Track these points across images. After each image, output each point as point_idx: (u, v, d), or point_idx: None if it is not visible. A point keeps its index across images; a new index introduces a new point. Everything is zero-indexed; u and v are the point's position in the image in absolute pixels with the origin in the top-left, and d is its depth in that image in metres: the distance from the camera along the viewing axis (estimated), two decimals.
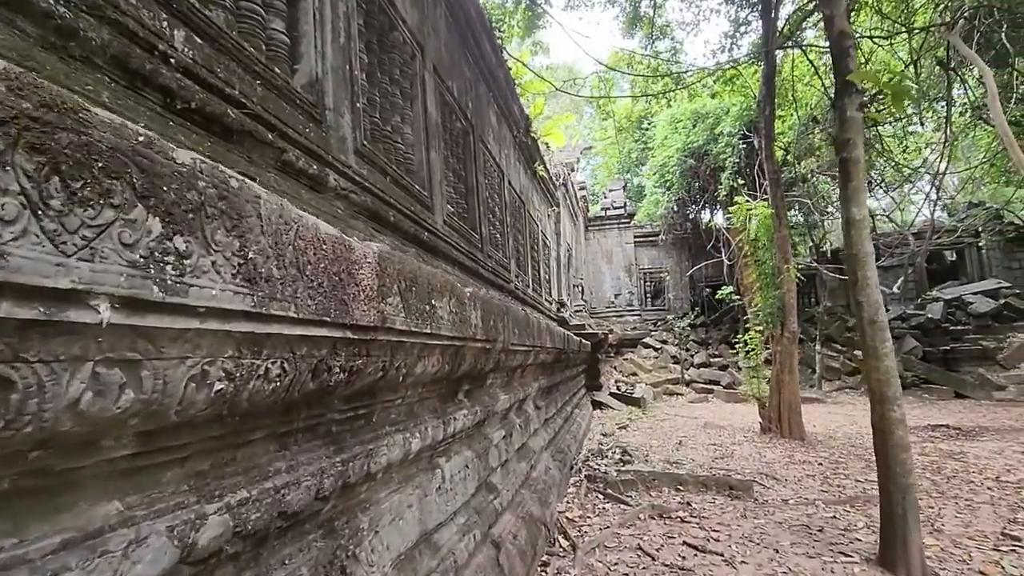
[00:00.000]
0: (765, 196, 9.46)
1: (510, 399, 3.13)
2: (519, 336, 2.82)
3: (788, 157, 12.24)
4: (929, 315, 14.18)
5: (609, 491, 4.58)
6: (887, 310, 14.89)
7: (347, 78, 2.99)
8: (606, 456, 6.22)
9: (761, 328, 8.20)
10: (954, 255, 16.80)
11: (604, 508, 4.24)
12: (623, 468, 5.41)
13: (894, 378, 2.99)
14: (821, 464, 6.04)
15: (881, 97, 9.28)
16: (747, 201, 8.45)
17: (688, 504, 4.34)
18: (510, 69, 7.56)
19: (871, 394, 3.09)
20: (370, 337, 1.13)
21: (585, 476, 4.99)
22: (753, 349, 8.18)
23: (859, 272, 3.11)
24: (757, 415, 9.93)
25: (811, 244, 15.60)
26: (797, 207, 14.22)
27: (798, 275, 7.95)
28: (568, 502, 4.34)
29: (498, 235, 6.78)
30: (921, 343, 13.79)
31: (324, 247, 0.95)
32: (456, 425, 2.04)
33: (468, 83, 5.88)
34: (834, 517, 4.08)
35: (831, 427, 8.70)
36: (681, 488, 4.81)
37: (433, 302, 1.49)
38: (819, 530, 3.74)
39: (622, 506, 4.27)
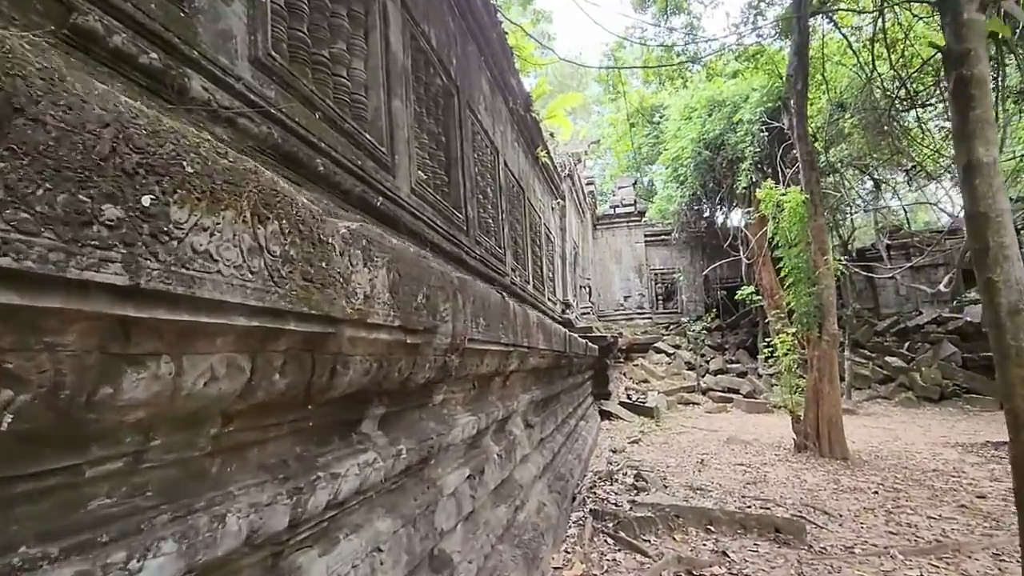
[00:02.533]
0: (791, 187, 8.43)
1: (479, 421, 2.19)
2: (489, 328, 1.89)
3: (816, 144, 11.20)
4: (968, 318, 13.02)
5: (621, 534, 3.58)
6: (920, 312, 13.70)
7: None
8: (616, 480, 5.23)
9: (794, 331, 7.17)
10: None
11: (615, 560, 3.25)
12: (637, 499, 4.42)
13: None
14: (876, 493, 5.01)
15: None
16: (776, 186, 7.45)
17: (724, 554, 3.34)
18: (506, 33, 6.64)
19: (1011, 418, 2.09)
20: None
21: (590, 511, 4.00)
22: (785, 354, 7.15)
23: (990, 238, 2.12)
24: (785, 428, 8.88)
25: (838, 241, 14.50)
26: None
27: (840, 267, 6.95)
28: (567, 550, 3.35)
29: (490, 220, 5.84)
30: (960, 349, 12.65)
31: None
32: (341, 487, 1.10)
33: (452, 36, 4.96)
34: None
35: (872, 444, 7.64)
36: (713, 529, 3.80)
37: (163, 204, 0.55)
38: None
39: (638, 557, 3.28)
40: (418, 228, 3.57)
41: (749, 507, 4.56)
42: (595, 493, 4.69)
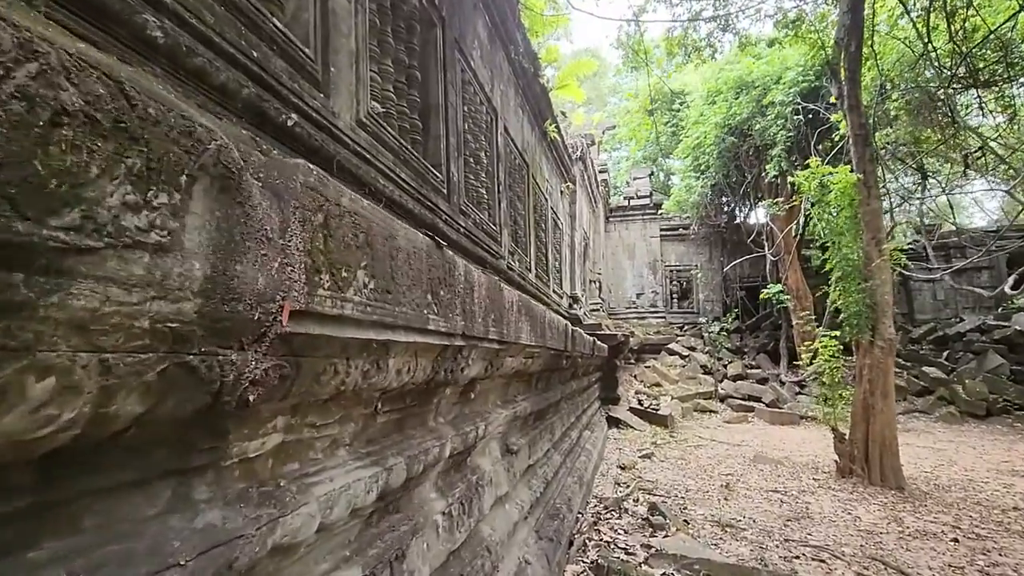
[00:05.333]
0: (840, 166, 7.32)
1: (390, 473, 1.22)
2: (391, 299, 0.94)
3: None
4: (1016, 327, 11.82)
5: None
6: (960, 319, 12.51)
7: None
8: (626, 511, 4.24)
9: (838, 334, 6.11)
10: None
11: None
12: (653, 542, 3.43)
13: None
14: (956, 540, 3.96)
15: None
16: (820, 164, 6.37)
17: None
18: None
19: None
20: None
21: (592, 564, 3.02)
22: (827, 360, 6.10)
23: None
24: (817, 443, 7.85)
25: None
26: None
27: (902, 256, 5.89)
28: None
29: (483, 191, 4.87)
30: (1008, 360, 11.46)
31: None
32: None
33: None
34: None
35: (925, 468, 6.57)
36: None
37: None
38: None
39: None
40: (366, 175, 2.61)
41: (797, 557, 3.55)
42: (599, 531, 3.70)
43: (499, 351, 1.84)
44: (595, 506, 4.36)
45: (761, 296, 12.50)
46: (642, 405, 9.87)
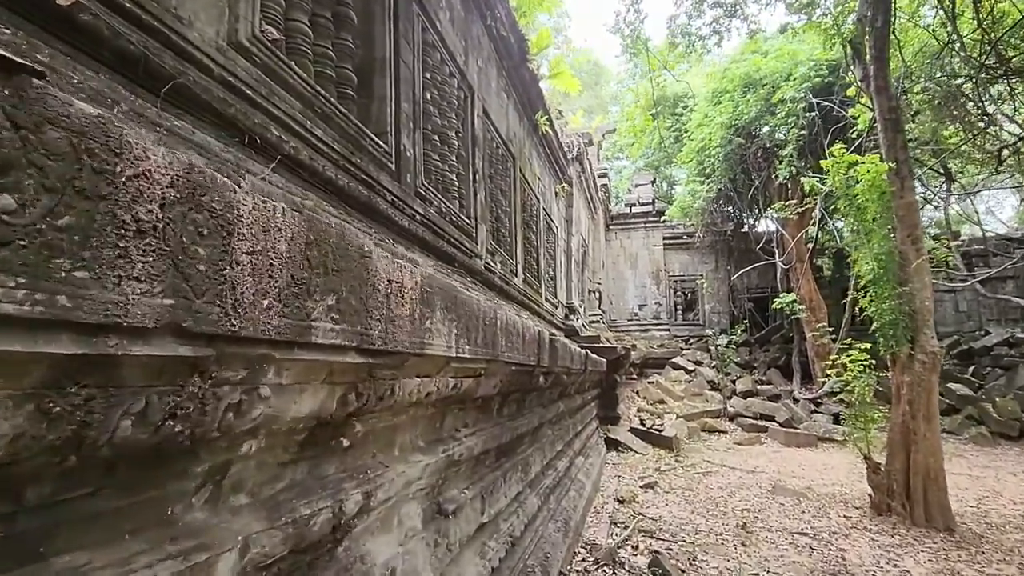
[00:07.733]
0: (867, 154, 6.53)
1: None
2: None
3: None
4: None
5: None
6: (986, 332, 11.61)
7: None
8: (621, 567, 3.41)
9: (868, 346, 5.30)
10: None
11: None
12: None
13: None
14: None
15: None
16: (845, 152, 5.60)
17: None
18: None
19: None
20: None
21: None
22: (857, 376, 5.27)
23: None
24: (840, 470, 6.99)
25: None
26: None
27: (948, 255, 5.07)
28: None
29: (452, 176, 4.14)
30: None
31: None
32: None
33: None
34: None
35: (969, 502, 5.68)
36: None
37: None
38: None
39: None
40: (245, 118, 1.85)
41: None
42: None
43: (372, 367, 1.08)
44: (583, 559, 3.53)
45: (772, 306, 11.68)
46: (644, 425, 9.02)
